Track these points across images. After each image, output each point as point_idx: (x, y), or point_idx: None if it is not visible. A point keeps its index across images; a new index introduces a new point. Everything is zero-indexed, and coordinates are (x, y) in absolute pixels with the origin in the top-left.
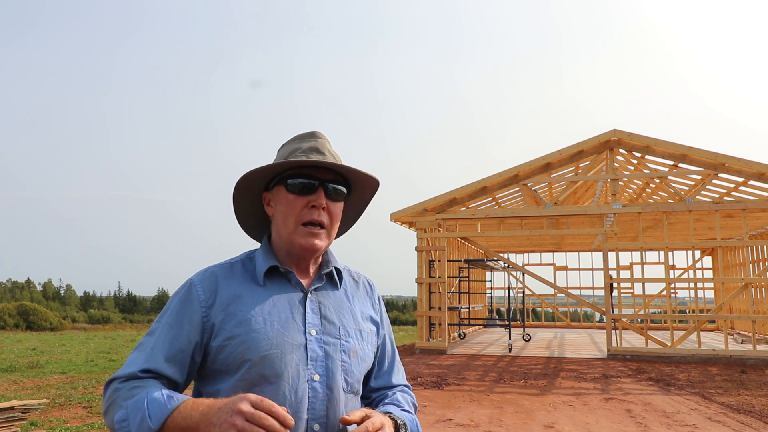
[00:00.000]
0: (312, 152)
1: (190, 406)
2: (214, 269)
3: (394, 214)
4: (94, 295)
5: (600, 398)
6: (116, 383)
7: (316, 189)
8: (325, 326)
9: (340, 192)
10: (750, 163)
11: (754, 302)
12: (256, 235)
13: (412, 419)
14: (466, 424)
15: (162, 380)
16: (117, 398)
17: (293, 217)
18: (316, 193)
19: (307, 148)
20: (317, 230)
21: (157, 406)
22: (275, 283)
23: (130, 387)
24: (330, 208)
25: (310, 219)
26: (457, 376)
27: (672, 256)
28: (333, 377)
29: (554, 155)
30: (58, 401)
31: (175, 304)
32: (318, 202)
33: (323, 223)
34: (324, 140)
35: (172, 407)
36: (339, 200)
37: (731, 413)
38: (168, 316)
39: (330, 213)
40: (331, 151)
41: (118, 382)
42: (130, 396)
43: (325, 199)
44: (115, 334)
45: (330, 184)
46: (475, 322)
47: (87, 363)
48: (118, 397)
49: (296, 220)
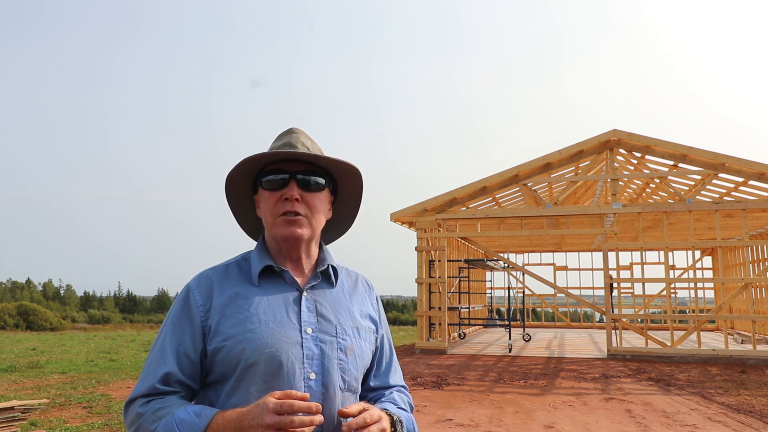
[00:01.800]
0: (284, 148)
1: (222, 423)
2: (209, 272)
3: (394, 214)
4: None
5: (600, 398)
6: (138, 406)
7: (288, 182)
8: (322, 324)
9: (315, 182)
10: (750, 163)
11: (754, 302)
12: (257, 237)
13: (408, 417)
14: (466, 424)
15: (180, 391)
16: (143, 423)
17: (270, 212)
18: (288, 186)
19: (281, 145)
20: (294, 218)
21: (188, 426)
22: (270, 283)
23: (153, 410)
24: (306, 199)
25: (283, 210)
26: (457, 376)
27: (672, 256)
28: (329, 375)
29: (554, 155)
30: (58, 401)
31: (175, 311)
32: (289, 194)
33: (299, 213)
34: (299, 134)
35: (204, 426)
36: (316, 190)
37: (731, 413)
38: (170, 324)
39: (307, 204)
40: (305, 144)
41: (140, 404)
42: (156, 419)
43: (298, 190)
44: (115, 334)
45: (301, 175)
46: (475, 322)
47: (87, 363)
48: (144, 421)
49: (273, 214)
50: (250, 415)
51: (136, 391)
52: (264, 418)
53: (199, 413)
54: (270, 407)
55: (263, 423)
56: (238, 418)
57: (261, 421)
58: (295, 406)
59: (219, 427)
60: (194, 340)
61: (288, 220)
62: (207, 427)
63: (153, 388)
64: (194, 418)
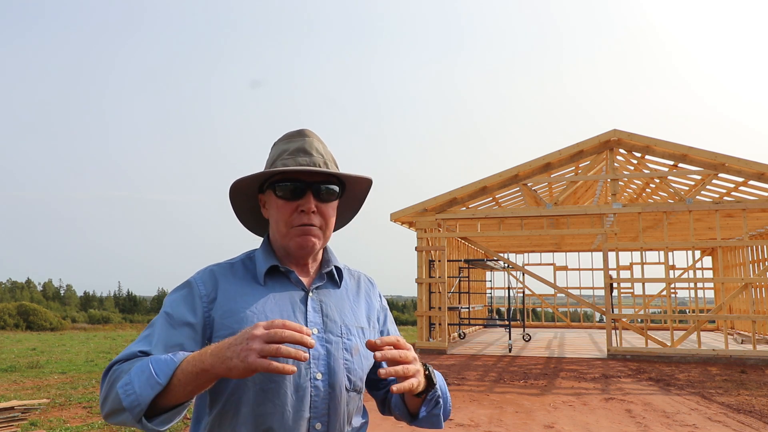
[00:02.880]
0: (299, 153)
1: (197, 354)
2: (214, 268)
3: (394, 214)
4: (94, 295)
5: (600, 398)
6: (116, 366)
7: (305, 193)
8: (327, 325)
9: (330, 192)
10: (750, 163)
11: (754, 302)
12: (261, 233)
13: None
14: (466, 424)
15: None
16: (119, 374)
17: (284, 221)
18: (304, 197)
19: (294, 150)
20: (309, 228)
21: (163, 362)
22: (276, 282)
23: (131, 362)
24: (321, 209)
25: (300, 223)
26: (457, 376)
27: (672, 256)
28: (335, 375)
29: (554, 155)
30: (58, 401)
31: (175, 297)
32: (307, 206)
33: (314, 224)
34: (312, 138)
35: (180, 359)
36: (331, 200)
37: (731, 413)
38: (168, 307)
39: (322, 214)
40: (319, 150)
41: (119, 364)
42: (131, 366)
43: (314, 202)
44: (115, 334)
45: (318, 185)
46: (475, 322)
47: (87, 363)
48: (120, 372)
49: (287, 225)
50: (235, 335)
51: (118, 357)
52: (252, 331)
53: (177, 353)
54: (260, 324)
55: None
56: (218, 346)
57: (249, 334)
58: (286, 323)
59: (195, 356)
60: (194, 325)
61: (303, 231)
62: (182, 360)
63: (133, 353)
64: (170, 356)
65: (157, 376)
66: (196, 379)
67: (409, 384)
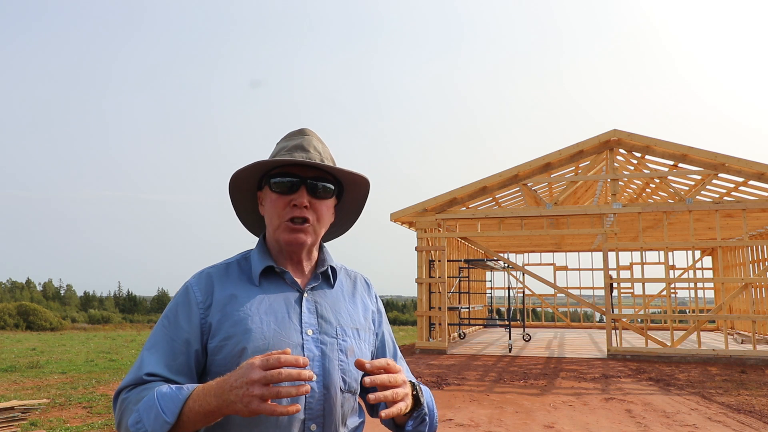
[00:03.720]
0: (296, 150)
1: (202, 392)
2: (210, 270)
3: (394, 214)
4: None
5: (600, 398)
6: (123, 393)
7: (298, 187)
8: (322, 326)
9: (324, 189)
10: (750, 163)
11: (754, 302)
12: (259, 232)
13: (427, 390)
14: (466, 424)
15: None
16: (127, 405)
17: (276, 215)
18: (298, 191)
19: (293, 146)
20: (300, 225)
21: (169, 399)
22: (271, 283)
23: (138, 392)
24: (315, 206)
25: (291, 216)
26: (457, 376)
27: (672, 256)
28: (330, 377)
29: (554, 155)
30: (58, 401)
31: (173, 308)
32: (299, 201)
33: (307, 219)
34: (311, 137)
35: (185, 397)
36: (325, 197)
37: (731, 413)
38: (166, 319)
39: (315, 210)
40: (317, 148)
41: (126, 391)
42: (139, 399)
43: (307, 197)
44: (115, 334)
45: (312, 181)
46: (475, 322)
47: (87, 363)
48: (129, 403)
49: (279, 219)
50: (234, 376)
51: (124, 382)
52: (250, 374)
53: (181, 387)
54: (256, 363)
55: (250, 379)
56: (220, 382)
57: (247, 378)
58: (282, 359)
59: (200, 394)
60: (190, 337)
61: (293, 227)
62: (188, 397)
63: (139, 378)
64: (175, 391)
65: (164, 415)
66: (206, 419)
67: (398, 409)
